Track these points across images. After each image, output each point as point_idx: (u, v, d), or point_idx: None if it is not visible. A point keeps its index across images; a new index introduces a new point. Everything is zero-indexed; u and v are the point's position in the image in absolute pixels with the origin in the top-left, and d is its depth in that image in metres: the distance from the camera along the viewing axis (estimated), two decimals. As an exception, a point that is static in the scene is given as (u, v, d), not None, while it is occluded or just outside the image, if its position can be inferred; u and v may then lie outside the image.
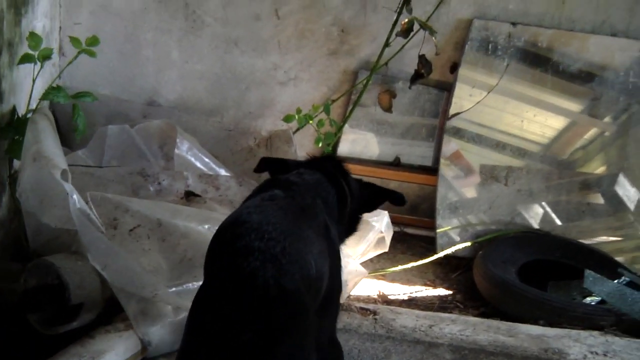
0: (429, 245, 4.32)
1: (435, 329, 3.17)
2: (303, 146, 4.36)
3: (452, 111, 4.32)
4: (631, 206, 4.35)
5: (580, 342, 3.23)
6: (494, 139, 4.39)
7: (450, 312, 3.62)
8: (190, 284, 2.78)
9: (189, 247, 2.81)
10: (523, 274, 3.91)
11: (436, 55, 4.03)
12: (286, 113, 4.33)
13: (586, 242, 4.29)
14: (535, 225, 4.33)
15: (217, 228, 2.27)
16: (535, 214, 4.38)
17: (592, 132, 4.44)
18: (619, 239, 4.40)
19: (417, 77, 4.12)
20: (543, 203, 4.37)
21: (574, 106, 4.43)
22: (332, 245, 2.35)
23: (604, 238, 4.38)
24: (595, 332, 3.38)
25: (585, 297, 3.82)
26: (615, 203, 4.37)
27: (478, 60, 4.33)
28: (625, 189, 4.35)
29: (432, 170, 4.47)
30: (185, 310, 2.75)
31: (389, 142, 4.57)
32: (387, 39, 4.03)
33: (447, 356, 3.05)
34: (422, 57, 4.08)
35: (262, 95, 4.48)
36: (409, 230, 4.55)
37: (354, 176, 2.72)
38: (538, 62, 4.34)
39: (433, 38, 3.89)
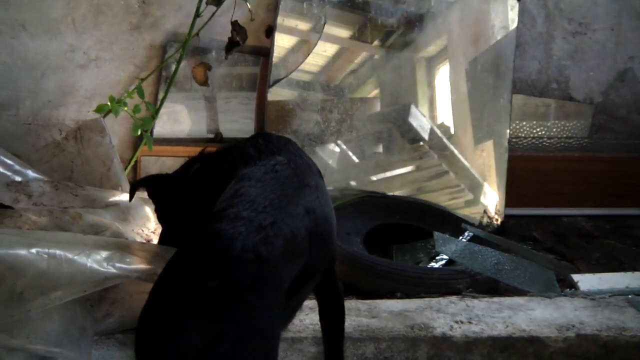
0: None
1: (296, 322, 3.02)
2: (114, 132, 4.07)
3: (272, 77, 4.19)
4: (425, 135, 4.43)
5: (443, 311, 3.20)
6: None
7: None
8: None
9: (18, 279, 2.48)
10: (368, 243, 3.90)
11: (251, 21, 3.87)
12: (90, 98, 4.07)
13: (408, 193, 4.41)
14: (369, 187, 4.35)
15: (47, 249, 2.41)
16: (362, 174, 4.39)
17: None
18: (415, 168, 4.51)
19: (232, 46, 3.92)
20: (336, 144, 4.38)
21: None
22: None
23: (402, 170, 4.47)
24: (454, 298, 3.37)
25: (432, 258, 3.85)
26: (411, 134, 4.44)
27: (293, 20, 4.22)
28: (417, 119, 4.41)
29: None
30: (20, 349, 2.53)
31: (209, 118, 4.35)
32: (198, 9, 3.79)
33: (311, 350, 2.92)
34: (235, 24, 3.87)
35: (60, 81, 4.09)
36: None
37: None
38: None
39: (247, 4, 3.73)
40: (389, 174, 4.45)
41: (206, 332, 1.83)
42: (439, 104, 4.54)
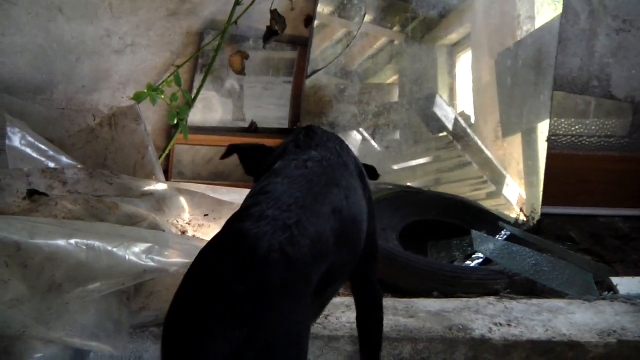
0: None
1: (332, 319, 3.00)
2: (147, 120, 4.01)
3: (310, 68, 4.14)
4: (449, 125, 4.38)
5: (481, 313, 3.17)
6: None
7: (341, 295, 3.41)
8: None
9: (56, 270, 2.44)
10: (403, 238, 3.85)
11: (292, 10, 3.83)
12: (124, 84, 4.06)
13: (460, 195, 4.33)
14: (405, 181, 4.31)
15: (86, 240, 2.43)
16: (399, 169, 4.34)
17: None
18: (438, 158, 4.46)
19: (270, 35, 3.90)
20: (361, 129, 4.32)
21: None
22: (368, 194, 2.54)
23: (424, 159, 4.43)
24: (492, 299, 3.34)
25: (467, 256, 3.81)
26: (434, 124, 4.39)
27: (332, 10, 4.16)
28: (442, 109, 4.36)
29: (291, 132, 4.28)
30: (56, 342, 2.52)
31: (243, 106, 4.32)
32: (237, -3, 3.77)
33: (347, 348, 2.91)
34: (274, 13, 3.85)
35: (95, 66, 4.06)
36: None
37: None
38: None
39: (288, -8, 3.69)
40: (411, 163, 4.40)
41: (235, 337, 1.79)
42: (459, 93, 4.49)
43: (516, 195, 4.37)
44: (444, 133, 4.38)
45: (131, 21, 4.04)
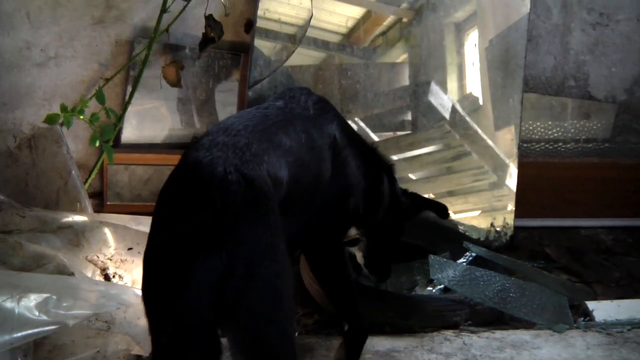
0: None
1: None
2: (78, 138, 3.84)
3: (252, 77, 3.91)
4: (446, 115, 4.18)
5: (435, 351, 2.99)
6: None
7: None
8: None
9: None
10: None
11: (226, 16, 3.61)
12: (50, 100, 3.85)
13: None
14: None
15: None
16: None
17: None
18: (438, 149, 4.28)
19: (206, 43, 3.68)
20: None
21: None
22: (341, 159, 2.72)
23: (423, 150, 4.26)
24: (450, 333, 3.17)
25: (430, 281, 3.58)
26: (431, 113, 4.20)
27: (276, 13, 3.94)
28: (439, 98, 4.17)
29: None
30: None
31: (183, 122, 4.10)
32: (164, 3, 3.53)
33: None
34: (209, 19, 3.63)
35: (15, 82, 3.82)
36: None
37: None
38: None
39: (220, -4, 3.47)
40: (409, 154, 4.24)
41: (216, 265, 1.85)
42: (469, 72, 4.29)
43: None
44: (442, 122, 4.19)
45: (52, 31, 3.81)
